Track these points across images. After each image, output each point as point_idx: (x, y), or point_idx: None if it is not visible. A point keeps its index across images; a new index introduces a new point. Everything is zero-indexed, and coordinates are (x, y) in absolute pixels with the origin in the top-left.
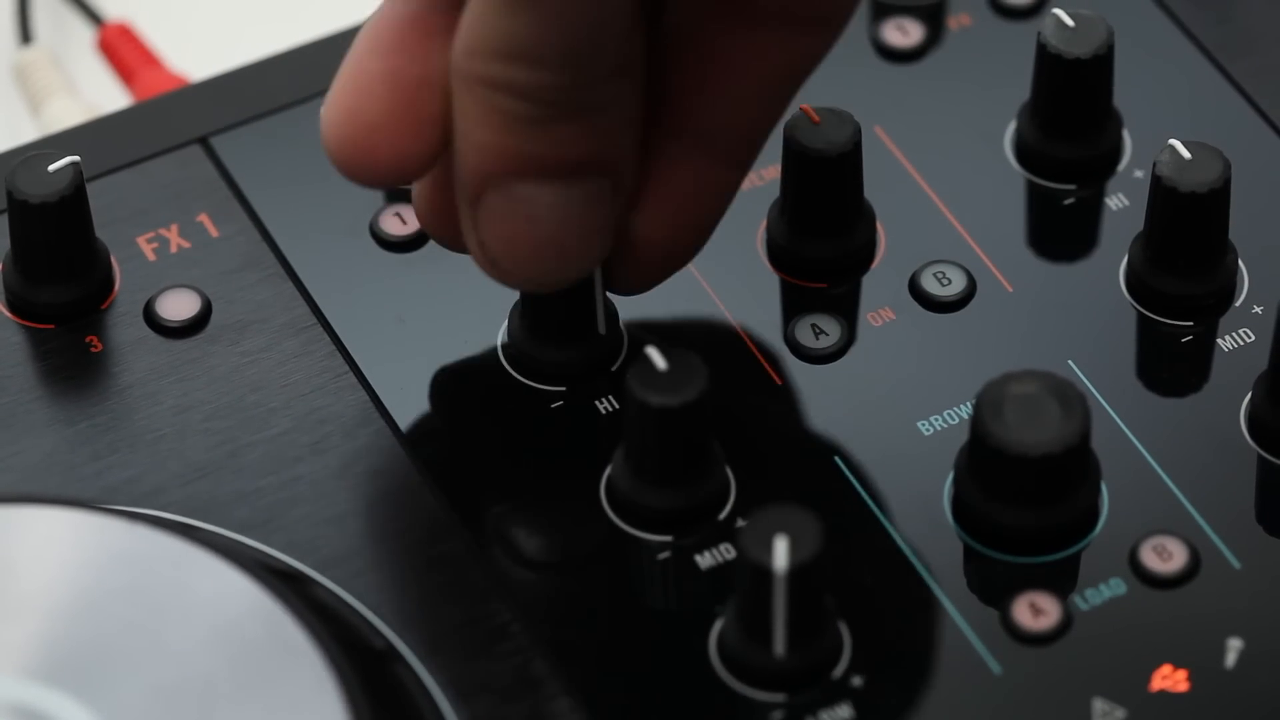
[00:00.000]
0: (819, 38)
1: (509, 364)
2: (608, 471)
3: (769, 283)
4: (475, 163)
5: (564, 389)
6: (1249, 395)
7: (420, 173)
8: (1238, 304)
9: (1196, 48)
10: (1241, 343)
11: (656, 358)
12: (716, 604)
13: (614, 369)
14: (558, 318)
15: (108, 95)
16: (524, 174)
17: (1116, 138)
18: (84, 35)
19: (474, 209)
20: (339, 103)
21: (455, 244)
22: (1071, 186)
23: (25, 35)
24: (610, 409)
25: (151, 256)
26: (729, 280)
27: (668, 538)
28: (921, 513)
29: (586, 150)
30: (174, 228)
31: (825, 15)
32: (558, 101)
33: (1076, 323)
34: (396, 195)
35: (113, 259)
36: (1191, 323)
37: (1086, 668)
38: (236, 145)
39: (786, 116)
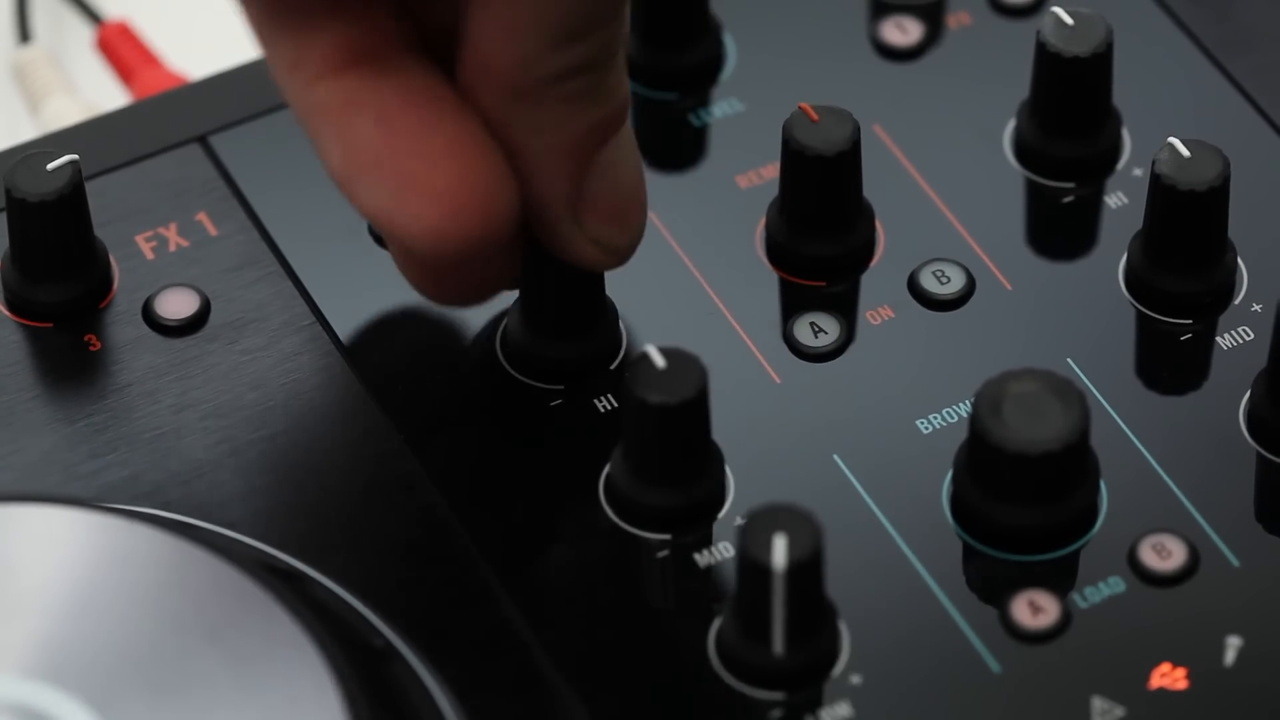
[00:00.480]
0: None
1: (507, 362)
2: (606, 470)
3: (767, 281)
4: (569, 166)
5: (563, 387)
6: (1248, 393)
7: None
8: (1237, 302)
9: (1196, 46)
10: (1241, 341)
11: (655, 356)
12: (715, 603)
13: (613, 367)
14: (558, 313)
15: (106, 94)
16: (606, 138)
17: (1116, 136)
18: (83, 34)
19: (578, 210)
20: (408, 200)
21: (479, 294)
22: (1071, 185)
23: (24, 34)
24: (609, 407)
25: (150, 255)
26: (727, 278)
27: (666, 536)
28: (920, 511)
29: (626, 82)
30: (173, 226)
31: None
32: (613, 51)
33: (1075, 321)
34: None
35: (111, 258)
36: (1191, 321)
37: (1085, 666)
38: (235, 144)
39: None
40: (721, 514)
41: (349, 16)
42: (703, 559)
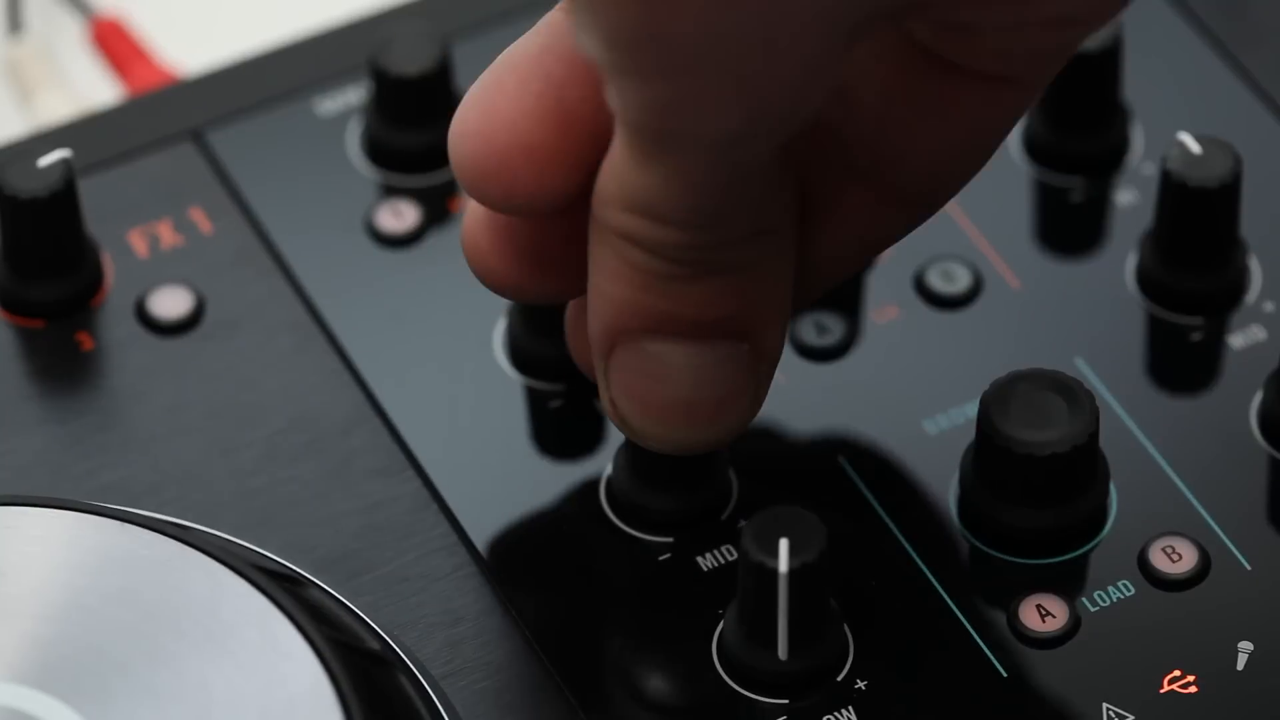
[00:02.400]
0: (1014, 95)
1: (507, 361)
2: (607, 472)
3: None
4: (607, 316)
5: (563, 387)
6: (1260, 394)
7: (555, 206)
8: (1249, 301)
9: (1208, 41)
10: (1252, 340)
11: None
12: (718, 606)
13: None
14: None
15: (99, 88)
16: (656, 331)
17: (1125, 132)
18: (75, 28)
19: (605, 362)
20: (479, 120)
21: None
22: (1080, 182)
23: (15, 24)
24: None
25: (143, 252)
26: None
27: (669, 539)
28: (926, 513)
29: (723, 311)
30: (166, 223)
31: (1014, 75)
32: (692, 260)
33: (1084, 320)
34: (392, 190)
35: (104, 255)
36: (1201, 320)
37: (1095, 671)
38: (230, 139)
39: None
40: (724, 516)
41: None
42: (706, 562)
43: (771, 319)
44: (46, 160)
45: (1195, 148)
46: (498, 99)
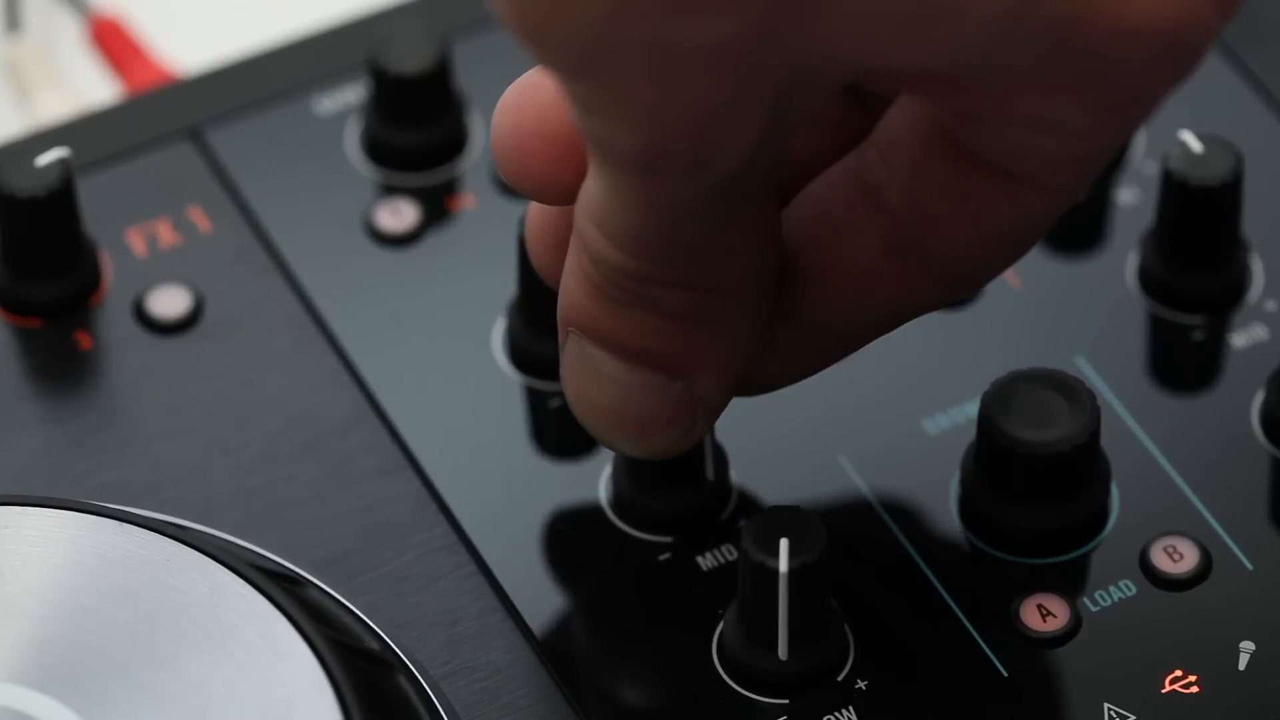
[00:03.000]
0: (1031, 196)
1: (506, 361)
2: (607, 472)
3: None
4: (563, 304)
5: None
6: (1262, 393)
7: (562, 199)
8: (1250, 300)
9: None
10: (1254, 339)
11: None
12: (718, 606)
13: None
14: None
15: (98, 87)
16: (593, 338)
17: None
18: (74, 26)
19: (561, 346)
20: (518, 96)
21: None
22: None
23: (13, 22)
24: None
25: (142, 252)
26: None
27: (669, 539)
28: (927, 513)
29: (649, 344)
30: (165, 222)
31: (1029, 175)
32: (624, 286)
33: (1085, 319)
34: (391, 189)
35: (102, 254)
36: (1203, 319)
37: (1096, 671)
38: (229, 138)
39: None
40: (724, 516)
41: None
42: (705, 562)
43: (709, 368)
44: (45, 159)
45: (1197, 146)
46: (541, 81)
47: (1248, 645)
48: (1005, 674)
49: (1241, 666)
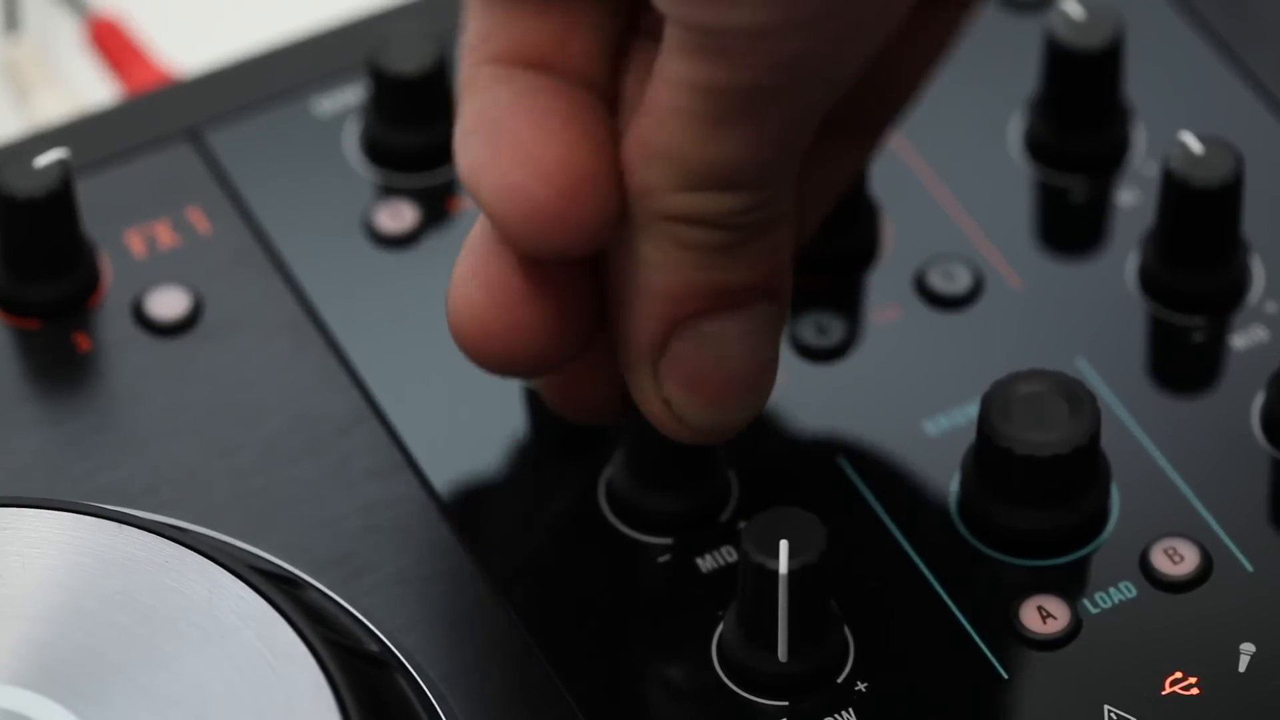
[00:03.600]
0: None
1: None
2: (606, 473)
3: None
4: (661, 311)
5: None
6: (1262, 394)
7: (539, 365)
8: (1251, 301)
9: (1209, 39)
10: (1254, 341)
11: None
12: (718, 607)
13: None
14: None
15: (97, 88)
16: (711, 310)
17: (1127, 132)
18: (72, 27)
19: (655, 364)
20: (467, 295)
21: (594, 415)
22: (1081, 181)
23: (12, 23)
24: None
25: (141, 253)
26: None
27: (668, 540)
28: (927, 515)
29: (767, 268)
30: (164, 223)
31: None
32: (753, 221)
33: (1086, 320)
34: (390, 190)
35: (101, 255)
36: (1203, 320)
37: (1096, 673)
38: (228, 139)
39: None
40: (724, 517)
41: (554, 19)
42: (705, 563)
43: (790, 272)
44: (43, 160)
45: (1197, 147)
46: (476, 267)
47: (1248, 647)
48: (1005, 675)
49: (1242, 668)
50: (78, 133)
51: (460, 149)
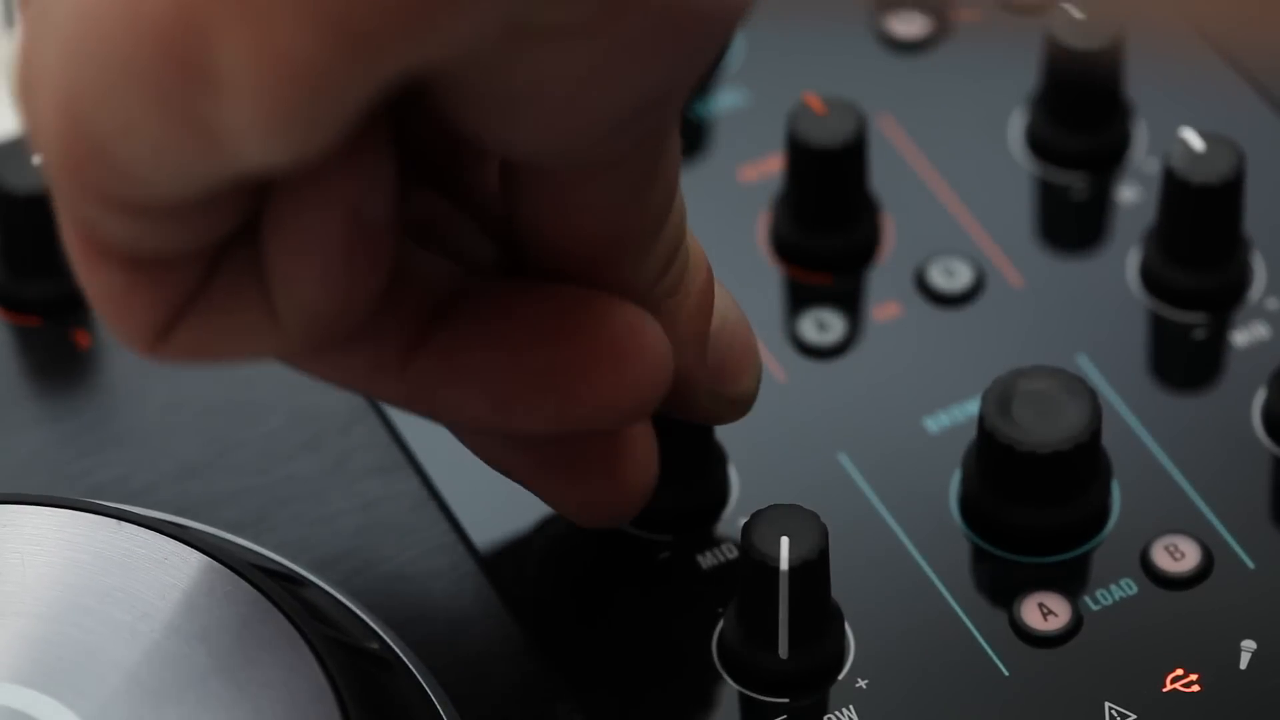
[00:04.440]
0: None
1: None
2: None
3: (771, 276)
4: (697, 348)
5: None
6: (1263, 391)
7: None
8: (1252, 298)
9: (1209, 38)
10: (1255, 338)
11: None
12: (718, 605)
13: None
14: None
15: None
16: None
17: (1128, 129)
18: None
19: (715, 382)
20: None
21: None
22: (1082, 179)
23: (11, 19)
24: None
25: None
26: (730, 273)
27: (668, 537)
28: (928, 511)
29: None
30: None
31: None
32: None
33: (1087, 317)
34: None
35: None
36: (1204, 317)
37: (1097, 670)
38: None
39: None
40: (725, 514)
41: (401, 300)
42: (705, 560)
43: None
44: None
45: (1198, 144)
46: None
47: (1249, 644)
48: (1006, 673)
49: (1243, 665)
50: None
51: (515, 418)
